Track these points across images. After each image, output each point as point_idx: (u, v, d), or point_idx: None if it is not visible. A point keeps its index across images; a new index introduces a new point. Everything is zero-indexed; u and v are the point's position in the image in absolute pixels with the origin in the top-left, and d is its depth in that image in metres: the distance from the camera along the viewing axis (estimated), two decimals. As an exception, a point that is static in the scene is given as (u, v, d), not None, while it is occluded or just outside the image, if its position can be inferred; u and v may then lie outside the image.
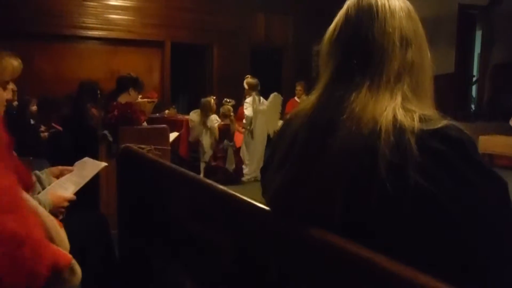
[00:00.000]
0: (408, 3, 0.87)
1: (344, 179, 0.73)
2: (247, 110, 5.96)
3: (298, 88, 7.10)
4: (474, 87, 8.28)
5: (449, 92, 7.04)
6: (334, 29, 0.89)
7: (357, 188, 0.72)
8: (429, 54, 0.85)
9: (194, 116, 6.01)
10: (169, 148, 3.28)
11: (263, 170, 1.00)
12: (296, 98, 7.10)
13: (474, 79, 8.18)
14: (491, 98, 7.77)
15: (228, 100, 6.16)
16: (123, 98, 3.75)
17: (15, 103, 4.10)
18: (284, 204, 0.83)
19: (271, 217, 0.86)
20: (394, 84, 0.79)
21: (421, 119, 0.72)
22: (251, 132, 5.97)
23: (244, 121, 6.02)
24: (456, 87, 7.35)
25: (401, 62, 0.81)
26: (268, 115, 5.98)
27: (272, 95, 6.00)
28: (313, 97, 0.87)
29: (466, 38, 7.79)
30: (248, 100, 5.96)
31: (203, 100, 5.97)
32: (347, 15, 0.87)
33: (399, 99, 0.77)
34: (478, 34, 8.03)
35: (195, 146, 6.04)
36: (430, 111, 0.77)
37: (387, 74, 0.80)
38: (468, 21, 7.74)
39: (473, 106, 8.29)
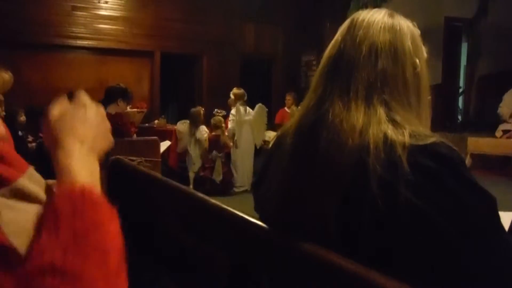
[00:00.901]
0: (399, 20, 0.87)
1: (335, 194, 0.74)
2: (230, 123, 5.98)
3: (288, 98, 7.14)
4: (460, 98, 8.42)
5: (437, 103, 7.14)
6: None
7: (349, 204, 0.73)
8: (416, 69, 0.84)
9: (181, 127, 5.99)
10: (160, 160, 3.27)
11: (256, 185, 1.00)
12: (286, 108, 7.14)
13: (461, 90, 8.32)
14: (478, 109, 7.89)
15: (219, 111, 6.17)
16: (111, 109, 3.73)
17: (2, 113, 4.05)
18: (279, 218, 0.83)
19: (265, 232, 0.86)
20: (367, 94, 0.79)
21: (411, 135, 0.73)
22: (235, 144, 5.99)
23: (226, 133, 6.04)
24: (443, 98, 7.47)
25: (371, 71, 0.80)
26: (254, 125, 6.00)
27: (257, 106, 6.02)
28: (299, 110, 0.90)
29: (452, 50, 7.93)
30: (233, 111, 5.98)
31: (192, 110, 5.95)
32: (337, 32, 0.90)
33: (381, 110, 0.77)
34: (464, 46, 8.19)
35: (184, 156, 6.02)
36: (419, 127, 0.77)
37: (355, 83, 0.80)
38: (454, 33, 7.90)
39: (460, 117, 8.41)
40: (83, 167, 0.56)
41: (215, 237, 1.05)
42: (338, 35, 0.88)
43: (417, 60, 0.85)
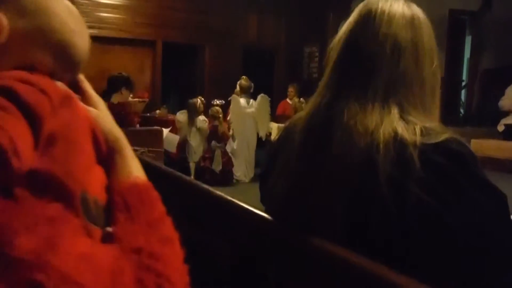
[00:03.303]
0: (416, 10, 0.84)
1: (343, 193, 0.73)
2: (229, 115, 6.03)
3: (290, 90, 7.11)
4: (463, 92, 8.39)
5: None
6: (338, 34, 0.87)
7: (358, 203, 0.72)
8: (434, 65, 0.82)
9: (181, 116, 6.03)
10: (163, 150, 3.26)
11: (263, 177, 1.00)
12: (288, 100, 7.12)
13: (463, 84, 8.28)
14: (480, 103, 7.86)
15: (217, 101, 6.18)
16: (115, 98, 3.73)
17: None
18: (285, 212, 0.83)
19: (270, 225, 0.86)
20: (385, 95, 0.76)
21: (422, 132, 0.71)
22: (232, 136, 6.02)
23: (224, 123, 6.09)
24: (445, 91, 7.43)
25: (392, 72, 0.77)
26: (258, 117, 6.01)
27: (259, 97, 6.02)
28: (310, 104, 0.86)
29: (456, 43, 7.88)
30: (232, 104, 6.01)
31: (190, 101, 6.00)
32: (349, 20, 0.85)
33: (395, 111, 0.75)
34: (468, 39, 8.14)
35: (184, 146, 6.04)
36: (431, 123, 0.76)
37: (375, 83, 0.77)
38: (458, 26, 7.84)
39: (462, 111, 8.38)
40: (138, 166, 0.63)
41: (219, 228, 1.05)
42: (353, 26, 0.83)
43: (434, 56, 0.83)
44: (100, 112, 0.64)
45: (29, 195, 0.45)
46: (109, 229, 0.54)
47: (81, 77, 0.67)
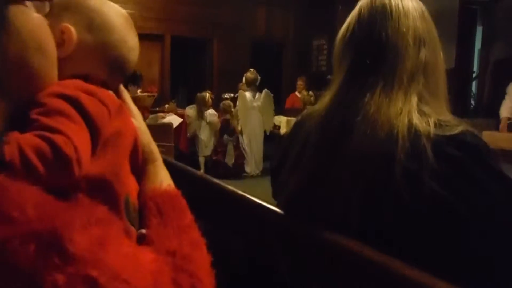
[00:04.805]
0: (421, 3, 0.87)
1: (360, 184, 0.73)
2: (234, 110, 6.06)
3: (299, 83, 7.09)
4: (474, 83, 8.28)
5: (449, 88, 7.00)
6: (347, 29, 0.88)
7: (373, 193, 0.72)
8: (442, 55, 0.85)
9: (190, 111, 6.06)
10: (173, 144, 3.28)
11: (275, 171, 1.00)
12: (296, 93, 7.10)
13: (474, 75, 8.18)
14: (491, 94, 7.75)
15: (227, 95, 6.20)
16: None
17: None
18: (298, 206, 0.83)
19: (282, 219, 0.86)
20: (408, 85, 0.78)
21: (436, 124, 0.72)
22: (240, 131, 6.07)
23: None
24: (456, 82, 7.34)
25: (414, 62, 0.80)
26: (262, 111, 6.02)
27: (263, 92, 6.03)
28: (326, 97, 0.87)
29: (467, 33, 7.77)
30: (239, 99, 6.01)
31: (198, 95, 6.03)
32: (360, 15, 0.87)
33: (414, 100, 0.77)
34: (479, 30, 8.02)
35: (194, 140, 6.07)
36: (446, 115, 0.77)
37: (400, 74, 0.79)
38: (469, 16, 7.72)
39: (473, 102, 8.28)
40: (168, 176, 0.68)
41: (231, 223, 1.05)
42: (369, 20, 0.85)
43: (440, 45, 0.85)
44: (140, 124, 0.68)
45: (83, 196, 0.49)
46: (143, 231, 0.57)
47: (122, 87, 0.70)
